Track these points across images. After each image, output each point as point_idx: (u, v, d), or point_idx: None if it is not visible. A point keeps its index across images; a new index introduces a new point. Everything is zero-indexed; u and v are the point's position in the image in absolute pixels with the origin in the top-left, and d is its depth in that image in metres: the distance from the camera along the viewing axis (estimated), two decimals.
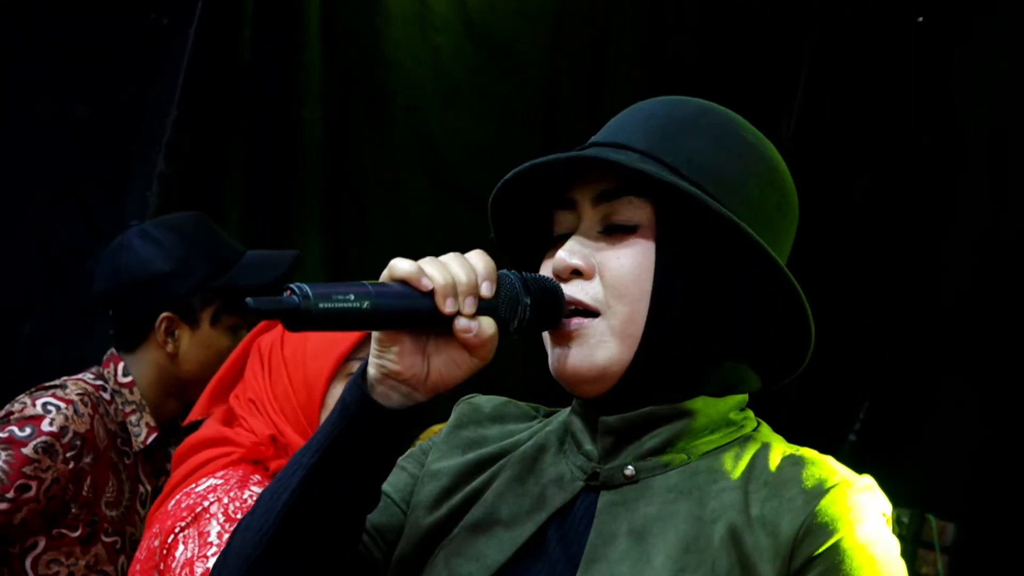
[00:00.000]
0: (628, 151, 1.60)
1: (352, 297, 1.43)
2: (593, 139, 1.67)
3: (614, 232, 1.60)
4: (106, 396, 3.17)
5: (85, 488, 3.06)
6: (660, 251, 1.58)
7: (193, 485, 2.58)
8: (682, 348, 1.59)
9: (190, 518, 2.50)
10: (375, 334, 1.51)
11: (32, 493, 2.95)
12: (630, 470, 1.59)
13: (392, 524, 1.68)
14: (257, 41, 4.33)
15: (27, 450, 2.95)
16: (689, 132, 1.62)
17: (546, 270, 1.63)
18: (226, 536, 2.40)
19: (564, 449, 1.67)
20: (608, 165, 1.58)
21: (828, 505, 1.50)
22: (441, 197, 4.77)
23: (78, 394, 3.07)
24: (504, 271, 1.55)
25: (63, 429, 2.99)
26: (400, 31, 4.65)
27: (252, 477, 2.56)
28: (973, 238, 4.42)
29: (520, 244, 1.72)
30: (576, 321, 1.58)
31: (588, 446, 1.63)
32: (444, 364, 1.52)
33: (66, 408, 3.01)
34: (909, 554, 4.40)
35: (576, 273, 1.59)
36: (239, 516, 2.43)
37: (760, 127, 1.68)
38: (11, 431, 2.98)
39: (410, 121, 4.72)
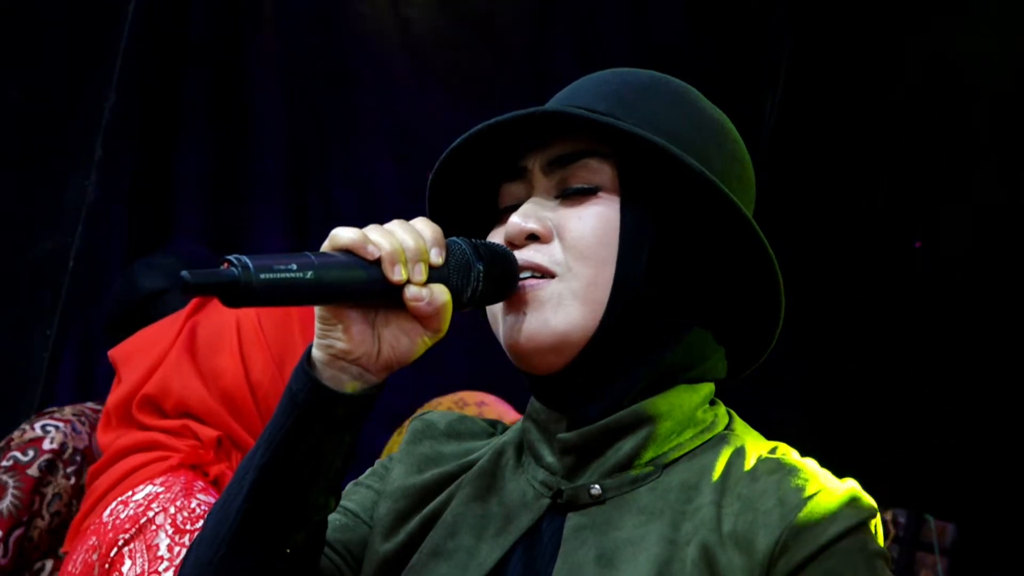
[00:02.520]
0: (585, 111, 1.53)
1: (295, 267, 1.35)
2: (537, 108, 1.57)
3: (572, 196, 1.54)
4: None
5: None
6: (625, 210, 1.52)
7: (129, 493, 2.48)
8: (649, 315, 1.52)
9: (134, 529, 2.41)
10: (319, 311, 1.44)
11: (36, 507, 2.97)
12: (596, 489, 1.52)
13: (363, 543, 1.63)
14: (206, 17, 4.17)
15: (32, 471, 2.98)
16: (646, 96, 1.57)
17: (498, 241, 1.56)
18: (177, 549, 2.37)
19: (523, 462, 1.60)
20: (573, 119, 1.52)
21: (807, 518, 1.42)
22: (417, 187, 4.45)
23: (74, 414, 3.11)
24: (453, 238, 1.49)
25: (63, 446, 3.02)
26: (365, 3, 4.39)
27: (196, 484, 2.48)
28: (959, 227, 4.50)
29: (459, 227, 1.61)
30: (532, 283, 1.51)
31: (550, 459, 1.56)
32: (396, 338, 1.45)
33: (64, 427, 3.05)
34: (907, 556, 4.47)
35: (532, 238, 1.53)
36: (188, 527, 2.40)
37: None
38: (14, 456, 3.01)
39: (380, 104, 4.44)
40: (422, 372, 2.08)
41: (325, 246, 1.41)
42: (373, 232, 1.42)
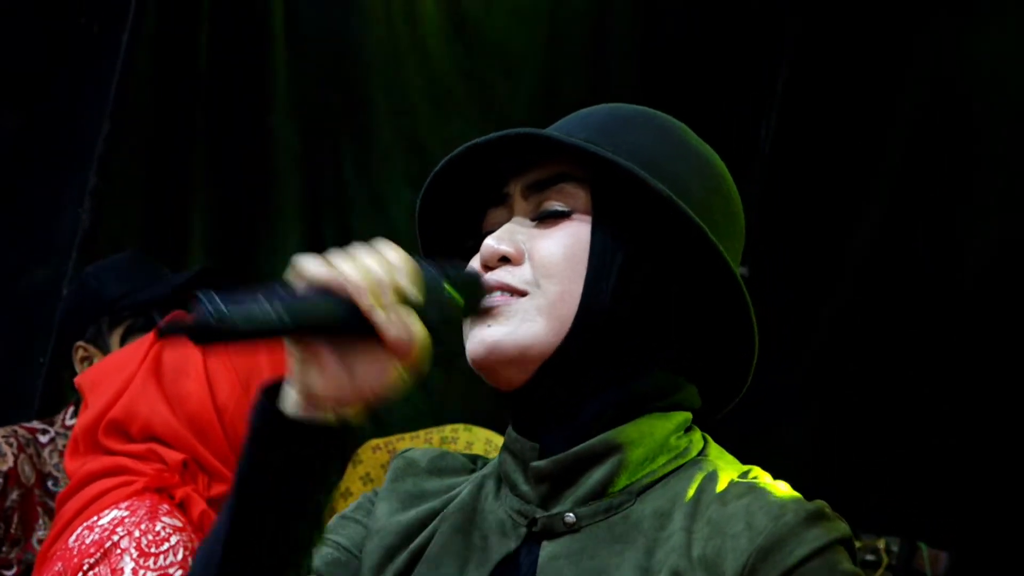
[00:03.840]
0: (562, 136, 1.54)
1: (265, 303, 1.32)
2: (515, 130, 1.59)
3: (546, 218, 1.54)
4: (44, 439, 3.20)
5: (13, 526, 3.07)
6: (596, 232, 1.52)
7: (95, 517, 2.46)
8: (615, 336, 1.51)
9: (99, 554, 2.38)
10: (291, 351, 1.40)
11: None
12: (570, 517, 1.51)
13: None
14: (215, 44, 4.15)
15: None
16: (630, 127, 1.58)
17: (474, 265, 1.56)
18: (142, 572, 2.36)
19: (500, 493, 1.59)
20: (546, 141, 1.52)
21: (774, 540, 1.41)
22: None
23: (3, 435, 3.11)
24: (419, 259, 1.45)
25: None
26: (382, 28, 4.36)
27: (161, 507, 2.46)
28: (957, 243, 4.49)
29: (449, 251, 1.62)
30: (501, 298, 1.51)
31: (524, 487, 1.55)
32: (370, 374, 1.41)
33: None
34: None
35: (505, 260, 1.53)
36: (152, 550, 2.38)
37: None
38: None
39: (395, 128, 4.41)
40: None
41: (291, 276, 1.38)
42: (339, 261, 1.38)
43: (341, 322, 1.37)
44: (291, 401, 1.41)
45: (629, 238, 1.53)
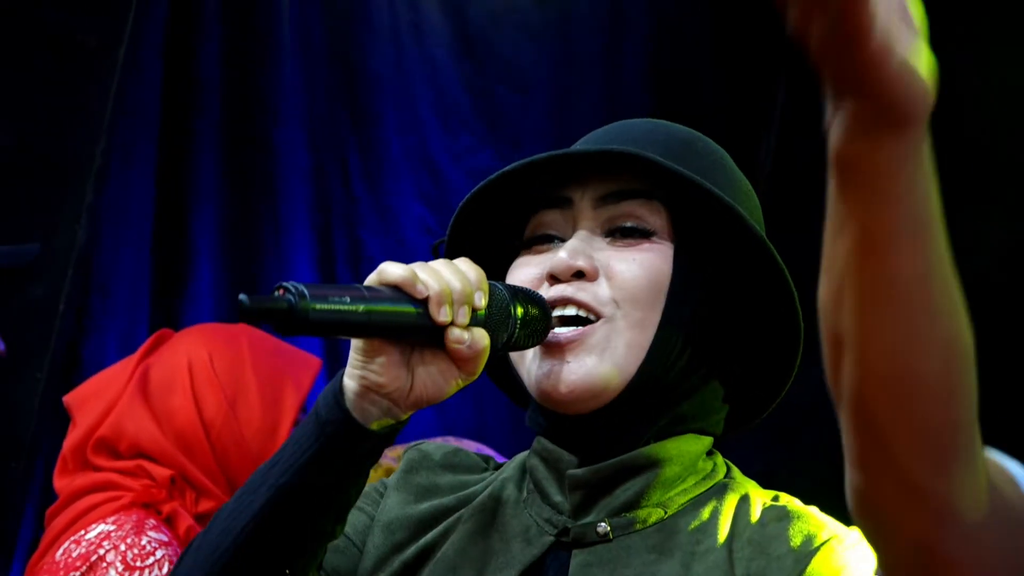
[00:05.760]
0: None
1: (348, 300, 1.36)
2: (580, 146, 1.60)
3: (625, 235, 1.54)
4: None
5: None
6: (678, 258, 1.53)
7: (82, 532, 2.49)
8: (685, 365, 1.53)
9: (85, 567, 2.41)
10: (357, 343, 1.44)
11: None
12: (603, 527, 1.52)
13: (351, 567, 1.63)
14: (221, 58, 4.14)
15: None
16: (691, 150, 1.59)
17: (521, 273, 1.57)
18: None
19: (526, 499, 1.59)
20: (645, 163, 1.51)
21: (820, 564, 1.43)
22: (444, 227, 4.38)
23: None
24: (493, 282, 1.48)
25: None
26: (390, 44, 4.33)
27: (148, 522, 2.49)
28: (958, 253, 4.20)
29: (476, 254, 1.59)
30: (574, 331, 1.51)
31: (557, 497, 1.56)
32: (430, 378, 1.45)
33: None
34: None
35: (578, 275, 1.52)
36: (138, 563, 2.40)
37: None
38: None
39: (404, 143, 4.37)
40: None
41: (372, 279, 1.42)
42: (421, 271, 1.42)
43: (415, 328, 1.42)
44: (348, 390, 1.44)
45: (707, 267, 1.55)
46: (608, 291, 1.52)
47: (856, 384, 1.10)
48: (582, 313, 1.52)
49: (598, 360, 1.50)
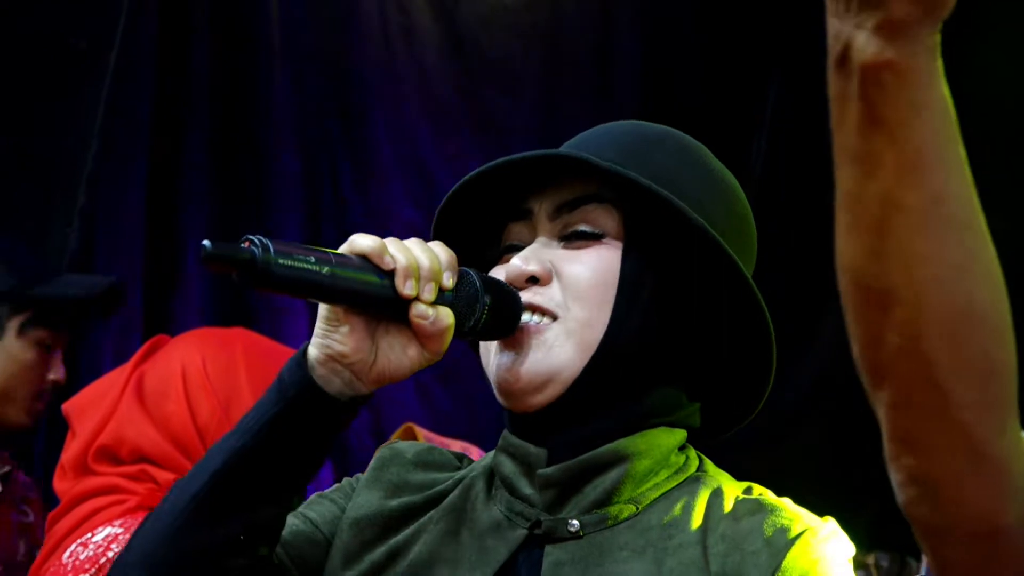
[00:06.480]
0: (594, 158, 1.54)
1: (313, 260, 1.36)
2: (540, 151, 1.59)
3: (576, 239, 1.57)
4: None
5: None
6: (627, 256, 1.54)
7: (88, 535, 2.50)
8: (638, 360, 1.54)
9: (93, 570, 2.42)
10: (323, 312, 1.45)
11: None
12: (575, 525, 1.53)
13: (317, 556, 1.63)
14: (211, 64, 4.14)
15: None
16: (655, 149, 1.59)
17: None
18: None
19: (494, 495, 1.60)
20: (584, 165, 1.53)
21: (796, 557, 1.43)
22: None
23: None
24: (466, 268, 1.50)
25: None
26: (380, 48, 4.32)
27: None
28: None
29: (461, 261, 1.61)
30: (535, 326, 1.53)
31: (527, 490, 1.56)
32: (392, 353, 1.47)
33: None
34: None
35: (532, 280, 1.55)
36: None
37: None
38: None
39: (394, 146, 4.38)
40: None
41: (343, 248, 1.43)
42: (391, 244, 1.44)
43: (380, 299, 1.43)
44: (312, 357, 1.45)
45: (658, 265, 1.55)
46: (560, 293, 1.54)
47: (914, 333, 1.07)
48: (536, 317, 1.54)
49: (546, 354, 1.52)
